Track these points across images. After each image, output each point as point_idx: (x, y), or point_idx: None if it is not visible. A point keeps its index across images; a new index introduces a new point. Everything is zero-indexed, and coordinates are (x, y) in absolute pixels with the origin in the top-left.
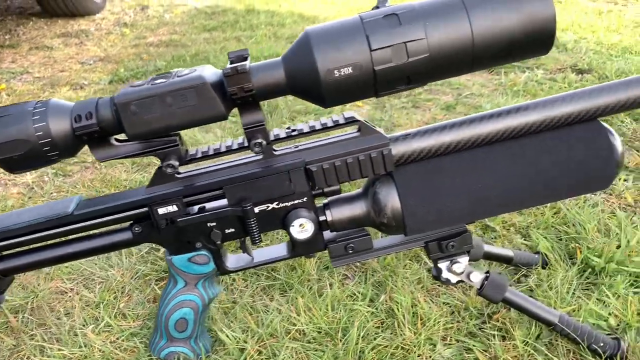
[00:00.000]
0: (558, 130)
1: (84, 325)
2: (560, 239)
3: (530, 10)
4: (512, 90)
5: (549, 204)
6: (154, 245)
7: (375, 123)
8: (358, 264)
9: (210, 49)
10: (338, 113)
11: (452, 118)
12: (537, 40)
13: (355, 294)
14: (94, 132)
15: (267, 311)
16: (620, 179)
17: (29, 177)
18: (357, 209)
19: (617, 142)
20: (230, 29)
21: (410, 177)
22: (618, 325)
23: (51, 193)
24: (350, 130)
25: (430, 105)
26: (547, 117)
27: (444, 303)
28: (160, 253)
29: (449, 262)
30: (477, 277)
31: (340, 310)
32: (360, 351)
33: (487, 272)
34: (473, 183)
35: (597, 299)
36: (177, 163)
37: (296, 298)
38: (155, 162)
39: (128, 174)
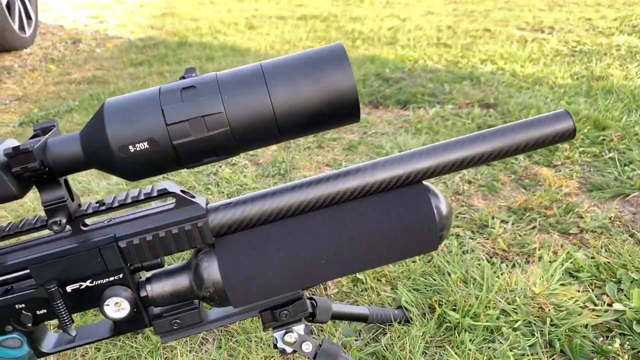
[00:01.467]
0: (382, 194)
1: None
2: (427, 290)
3: (329, 82)
4: (415, 128)
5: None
6: None
7: (277, 164)
8: (219, 328)
9: (131, 86)
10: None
11: (353, 158)
12: (341, 111)
13: None
14: None
15: None
16: (498, 222)
17: None
18: (180, 282)
19: (441, 203)
20: (158, 63)
21: (231, 248)
22: None
23: None
24: (168, 202)
25: (334, 145)
26: (367, 183)
27: None
28: None
29: (284, 331)
30: (308, 347)
31: None
32: None
33: (322, 340)
34: (298, 250)
35: (447, 359)
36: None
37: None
38: None
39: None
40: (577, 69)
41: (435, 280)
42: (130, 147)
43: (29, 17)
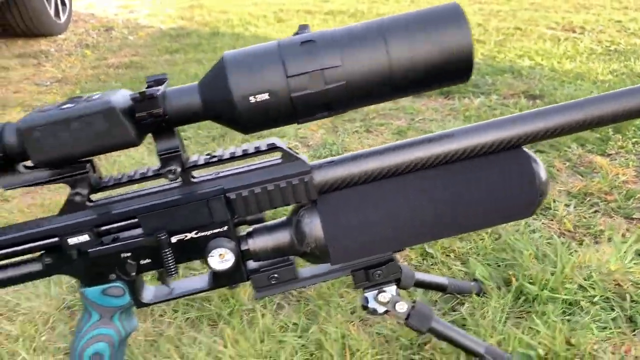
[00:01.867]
0: (481, 158)
1: None
2: (499, 266)
3: (447, 39)
4: (464, 116)
5: (489, 230)
6: None
7: (327, 146)
8: (294, 292)
9: (171, 71)
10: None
11: None
12: (455, 69)
13: (287, 325)
14: None
15: (194, 344)
16: (562, 205)
17: None
18: (281, 237)
19: (541, 170)
20: (193, 51)
21: (333, 205)
22: (546, 355)
23: None
24: (273, 158)
25: (382, 130)
26: (467, 146)
27: (377, 333)
28: None
29: (376, 291)
30: (402, 307)
31: (270, 343)
32: None
33: (414, 301)
34: (396, 211)
35: (529, 327)
36: (86, 191)
37: (227, 328)
38: None
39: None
40: (616, 67)
41: (507, 254)
42: (251, 97)
43: (63, 3)
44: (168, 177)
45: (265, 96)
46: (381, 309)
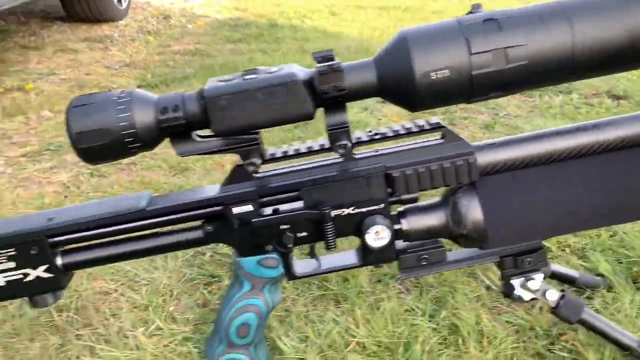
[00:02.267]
0: None
1: (133, 328)
2: (621, 262)
3: (638, 20)
4: (549, 113)
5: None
6: (200, 249)
7: None
8: (412, 279)
9: (239, 60)
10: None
11: (492, 137)
12: None
13: (413, 309)
14: (180, 126)
15: (323, 321)
16: None
17: (64, 176)
18: (435, 218)
19: None
20: (255, 41)
21: (493, 188)
22: None
23: (88, 193)
24: (432, 138)
25: (467, 124)
26: (633, 133)
27: (507, 322)
28: (206, 257)
29: (523, 278)
30: (553, 296)
31: (401, 325)
32: None
33: (563, 290)
34: (558, 197)
35: None
36: (259, 161)
37: (353, 310)
38: (193, 166)
39: (167, 177)
40: None
41: (629, 251)
42: (432, 74)
43: None
44: (338, 152)
45: (446, 72)
46: (527, 297)
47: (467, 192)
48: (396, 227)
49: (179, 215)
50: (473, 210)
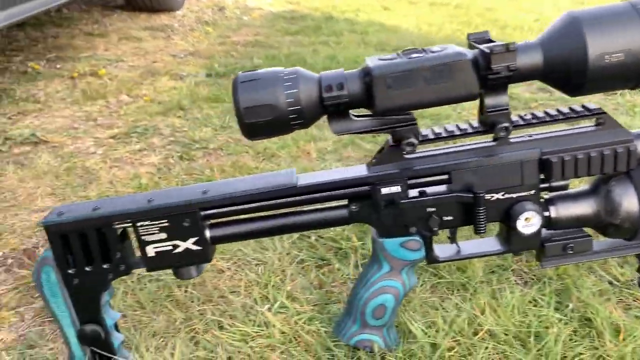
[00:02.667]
0: None
1: (257, 304)
2: None
3: None
4: (634, 111)
5: None
6: (305, 232)
7: None
8: (527, 271)
9: (303, 51)
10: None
11: None
12: None
13: (537, 300)
14: (342, 104)
15: (445, 309)
16: None
17: (154, 158)
18: (585, 207)
19: None
20: (314, 34)
21: None
22: None
23: (182, 175)
24: (585, 124)
25: None
26: None
27: (636, 317)
28: (312, 239)
29: None
30: None
31: (528, 315)
32: (562, 358)
33: None
34: None
35: None
36: (416, 141)
37: (473, 298)
38: (279, 153)
39: (256, 162)
40: None
41: None
42: (607, 57)
43: None
44: (500, 134)
45: (621, 56)
46: None
47: (621, 181)
48: (545, 214)
49: (327, 193)
50: (628, 200)
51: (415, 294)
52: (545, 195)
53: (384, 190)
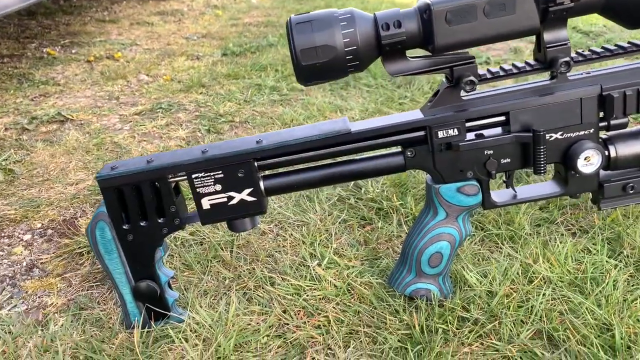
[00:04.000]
0: None
1: (305, 261)
2: None
3: None
4: None
5: None
6: (344, 195)
7: None
8: (574, 223)
9: None
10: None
11: None
12: None
13: (589, 249)
14: (400, 43)
15: (497, 259)
16: None
17: (182, 132)
18: None
19: None
20: None
21: None
22: None
23: None
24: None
25: None
26: None
27: None
28: (352, 200)
29: None
30: None
31: (582, 262)
32: (623, 300)
33: None
34: None
35: None
36: (476, 80)
37: (524, 249)
38: (305, 123)
39: None
40: None
41: None
42: None
43: None
44: (560, 69)
45: None
46: None
47: None
48: (604, 153)
49: (382, 140)
50: None
51: (464, 246)
52: (604, 134)
53: (441, 134)
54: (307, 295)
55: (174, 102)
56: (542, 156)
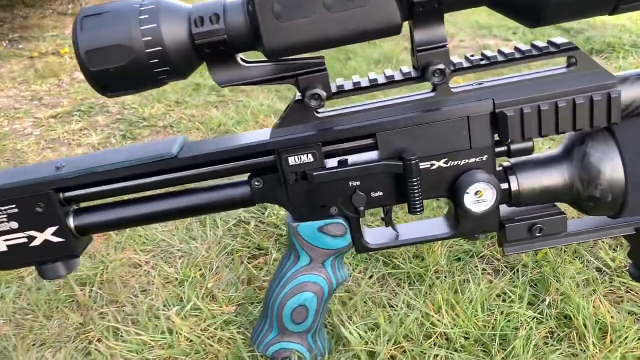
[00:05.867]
0: None
1: (165, 306)
2: None
3: None
4: None
5: None
6: (244, 217)
7: None
8: (500, 257)
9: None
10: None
11: None
12: None
13: (507, 294)
14: (219, 43)
15: (394, 306)
16: None
17: (94, 138)
18: (556, 176)
19: None
20: None
21: (637, 135)
22: None
23: None
24: (553, 67)
25: None
26: None
27: (629, 313)
28: (251, 226)
29: None
30: None
31: (494, 313)
32: None
33: None
34: None
35: None
36: (324, 93)
37: (430, 292)
38: (235, 129)
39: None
40: None
41: None
42: None
43: None
44: (433, 79)
45: None
46: None
47: (601, 140)
48: (503, 186)
49: (219, 167)
50: (611, 166)
51: (359, 288)
52: (505, 162)
53: (292, 160)
54: (151, 354)
55: (98, 103)
56: (415, 191)
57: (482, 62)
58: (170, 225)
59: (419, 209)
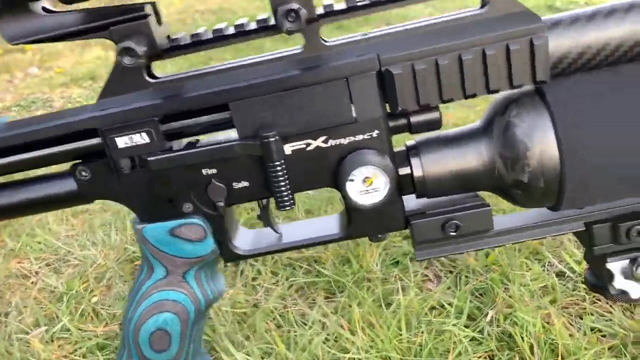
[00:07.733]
0: None
1: (36, 326)
2: None
3: None
4: None
5: None
6: None
7: None
8: (444, 259)
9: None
10: None
11: None
12: None
13: (443, 307)
14: None
15: (305, 324)
16: None
17: None
18: (471, 156)
19: None
20: None
21: (577, 99)
22: None
23: None
24: (467, 9)
25: None
26: None
27: (591, 329)
28: None
29: (628, 261)
30: None
31: (422, 332)
32: None
33: None
34: None
35: None
36: (142, 48)
37: (350, 306)
38: None
39: None
40: None
41: None
42: None
43: None
44: (286, 27)
45: None
46: (637, 292)
47: (529, 106)
48: (402, 171)
49: (34, 154)
50: (540, 139)
51: (268, 301)
52: (409, 141)
53: (121, 142)
54: None
55: (43, 97)
56: (280, 178)
57: (361, 3)
58: (77, 229)
59: (287, 203)
